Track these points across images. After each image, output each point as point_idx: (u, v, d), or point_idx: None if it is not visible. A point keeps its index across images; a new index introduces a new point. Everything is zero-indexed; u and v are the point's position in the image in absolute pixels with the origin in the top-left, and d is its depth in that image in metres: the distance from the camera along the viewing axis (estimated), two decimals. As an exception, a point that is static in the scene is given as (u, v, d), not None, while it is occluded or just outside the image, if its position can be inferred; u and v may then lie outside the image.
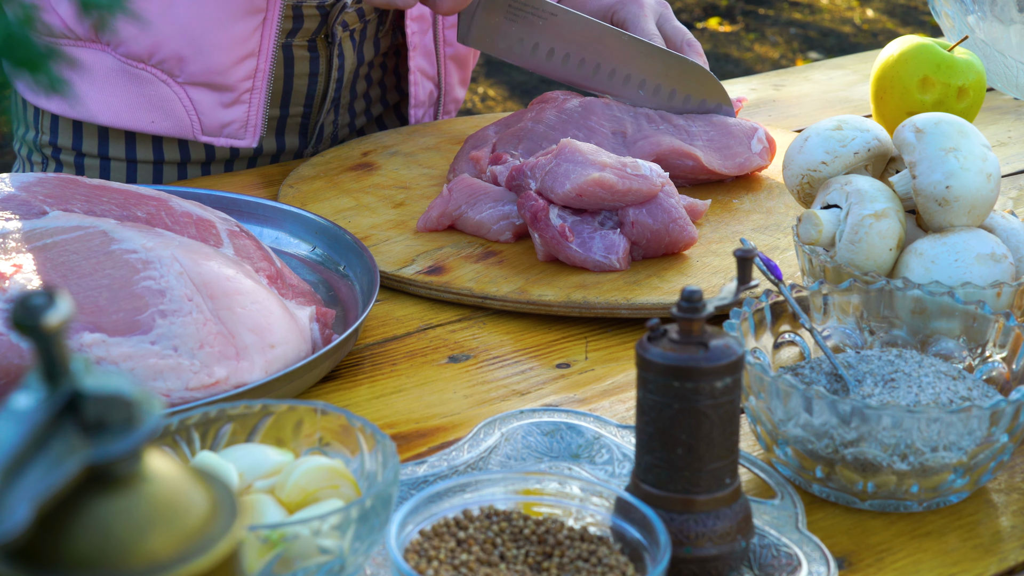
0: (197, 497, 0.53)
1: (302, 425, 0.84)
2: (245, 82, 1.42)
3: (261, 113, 1.44)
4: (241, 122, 1.44)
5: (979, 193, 1.05)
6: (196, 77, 1.41)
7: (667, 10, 1.50)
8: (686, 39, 1.46)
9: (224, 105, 1.43)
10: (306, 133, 1.53)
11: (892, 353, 0.95)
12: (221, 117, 1.43)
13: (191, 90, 1.42)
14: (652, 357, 0.78)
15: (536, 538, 0.78)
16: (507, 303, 1.15)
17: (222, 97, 1.42)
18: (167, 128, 1.44)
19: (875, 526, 0.88)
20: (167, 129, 1.44)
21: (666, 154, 1.35)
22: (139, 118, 1.43)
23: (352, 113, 1.56)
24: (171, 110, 1.43)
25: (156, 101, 1.42)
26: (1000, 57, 1.64)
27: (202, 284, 0.99)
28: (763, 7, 5.65)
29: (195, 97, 1.42)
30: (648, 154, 1.35)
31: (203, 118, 1.43)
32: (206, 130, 1.44)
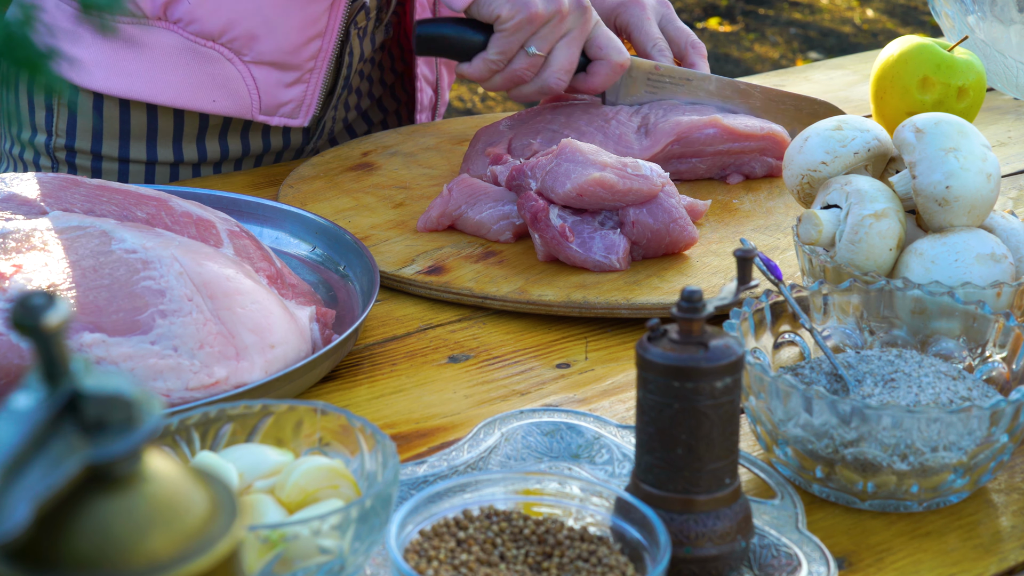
0: (197, 497, 0.53)
1: (302, 425, 0.84)
2: (309, 62, 1.44)
3: (317, 94, 1.46)
4: (298, 102, 1.46)
5: (979, 193, 1.05)
6: (264, 56, 1.42)
7: (669, 10, 1.50)
8: (690, 40, 1.47)
9: (286, 85, 1.44)
10: (310, 130, 1.53)
11: (892, 353, 0.95)
12: (281, 96, 1.45)
13: (255, 69, 1.43)
14: (652, 357, 0.78)
15: (536, 538, 0.78)
16: (507, 303, 1.15)
17: (285, 76, 1.44)
18: (226, 107, 1.44)
19: (875, 526, 0.88)
20: (226, 108, 1.44)
21: (687, 130, 1.37)
22: (200, 97, 1.44)
23: (346, 108, 1.57)
24: (233, 89, 1.43)
25: (220, 80, 1.43)
26: (1000, 57, 1.65)
27: (202, 284, 0.99)
28: (763, 7, 5.65)
29: (259, 76, 1.43)
30: (669, 133, 1.37)
31: (264, 97, 1.44)
32: (264, 109, 1.45)
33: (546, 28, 1.33)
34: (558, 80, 1.36)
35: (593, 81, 1.39)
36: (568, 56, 1.35)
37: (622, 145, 1.37)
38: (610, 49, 1.37)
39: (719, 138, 1.38)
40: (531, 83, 1.37)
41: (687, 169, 1.39)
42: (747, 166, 1.40)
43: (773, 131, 1.40)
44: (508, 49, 1.35)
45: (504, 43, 1.34)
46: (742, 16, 5.54)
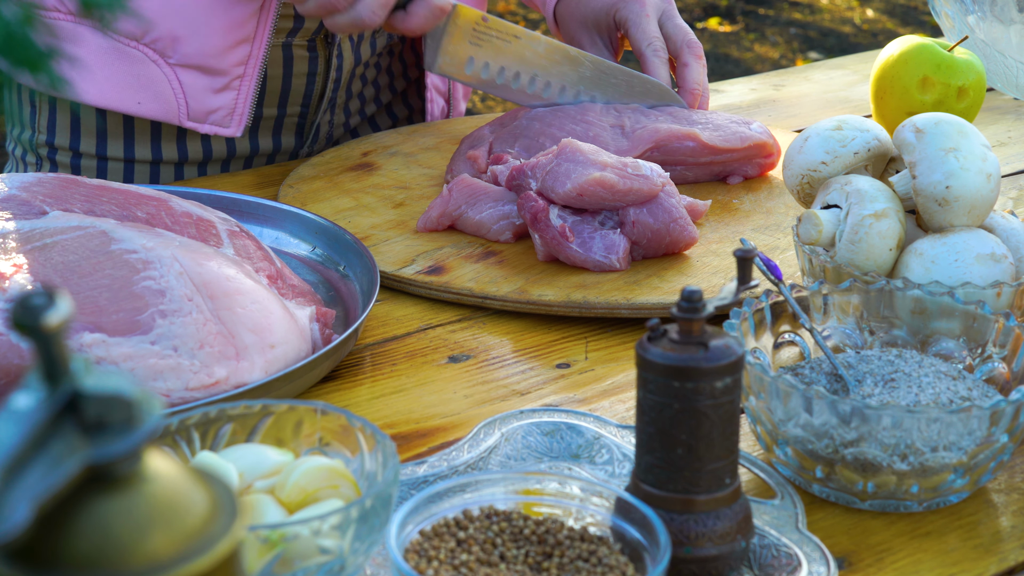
0: (197, 497, 0.53)
1: (302, 425, 0.84)
2: (237, 68, 1.41)
3: (249, 102, 1.43)
4: (228, 109, 1.42)
5: (979, 193, 1.05)
6: (189, 59, 1.40)
7: (670, 6, 1.48)
8: (686, 39, 1.45)
9: (214, 91, 1.42)
10: (302, 133, 1.53)
11: (892, 353, 0.95)
12: (209, 103, 1.42)
13: (181, 72, 1.40)
14: (652, 357, 0.78)
15: (536, 538, 0.78)
16: (507, 303, 1.15)
17: (212, 82, 1.41)
18: (153, 110, 1.42)
19: (875, 526, 0.88)
20: (153, 111, 1.42)
21: (665, 139, 1.36)
22: (125, 99, 1.41)
23: (347, 113, 1.56)
24: (159, 92, 1.41)
25: (145, 82, 1.41)
26: (1000, 57, 1.65)
27: (202, 284, 0.99)
28: (763, 7, 5.65)
29: (185, 80, 1.41)
30: (648, 140, 1.35)
31: (191, 102, 1.42)
32: (192, 115, 1.42)
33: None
34: (372, 14, 1.30)
35: (411, 21, 1.33)
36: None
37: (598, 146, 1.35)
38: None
39: (699, 151, 1.37)
40: (345, 12, 1.31)
41: (676, 176, 1.38)
42: (738, 171, 1.40)
43: (755, 141, 1.38)
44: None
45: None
46: (742, 16, 5.54)
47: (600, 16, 1.49)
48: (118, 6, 0.58)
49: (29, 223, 1.04)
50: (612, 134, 1.37)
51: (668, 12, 1.47)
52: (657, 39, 1.44)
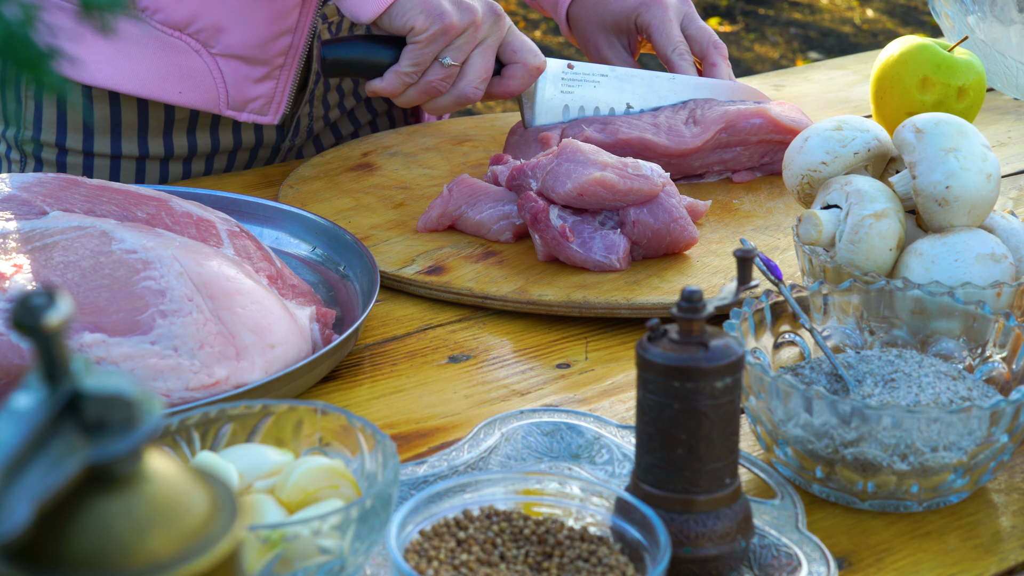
0: (197, 497, 0.53)
1: (302, 425, 0.84)
2: (278, 58, 1.42)
3: (288, 91, 1.44)
4: (267, 98, 1.44)
5: (979, 193, 1.05)
6: (232, 49, 1.40)
7: (691, 8, 1.49)
8: (712, 41, 1.46)
9: (254, 80, 1.43)
10: (283, 126, 1.52)
11: (892, 353, 0.95)
12: (249, 92, 1.43)
13: (223, 62, 1.41)
14: (652, 357, 0.78)
15: (536, 538, 0.78)
16: (507, 303, 1.15)
17: (253, 71, 1.42)
18: (193, 99, 1.42)
19: (875, 526, 0.88)
20: (193, 100, 1.42)
21: (734, 118, 1.38)
22: (167, 88, 1.42)
23: (326, 106, 1.56)
24: (200, 81, 1.42)
25: (187, 71, 1.41)
26: (1000, 57, 1.65)
27: (202, 284, 0.99)
28: (763, 7, 5.65)
29: (226, 69, 1.41)
30: (718, 120, 1.37)
31: (232, 91, 1.42)
32: (232, 104, 1.43)
33: (461, 38, 1.31)
34: (475, 90, 1.34)
35: (509, 85, 1.37)
36: (484, 65, 1.33)
37: (673, 134, 1.37)
38: (525, 53, 1.36)
39: (764, 128, 1.38)
40: (447, 94, 1.35)
41: (731, 158, 1.39)
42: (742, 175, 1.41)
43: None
44: (422, 61, 1.32)
45: (418, 55, 1.32)
46: (742, 16, 5.54)
47: (620, 19, 1.49)
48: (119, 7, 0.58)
49: (29, 223, 1.04)
50: (680, 120, 1.38)
51: (689, 15, 1.48)
52: (682, 43, 1.45)
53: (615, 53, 1.51)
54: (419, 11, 1.30)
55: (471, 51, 1.33)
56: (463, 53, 1.32)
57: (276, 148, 1.54)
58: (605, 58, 1.52)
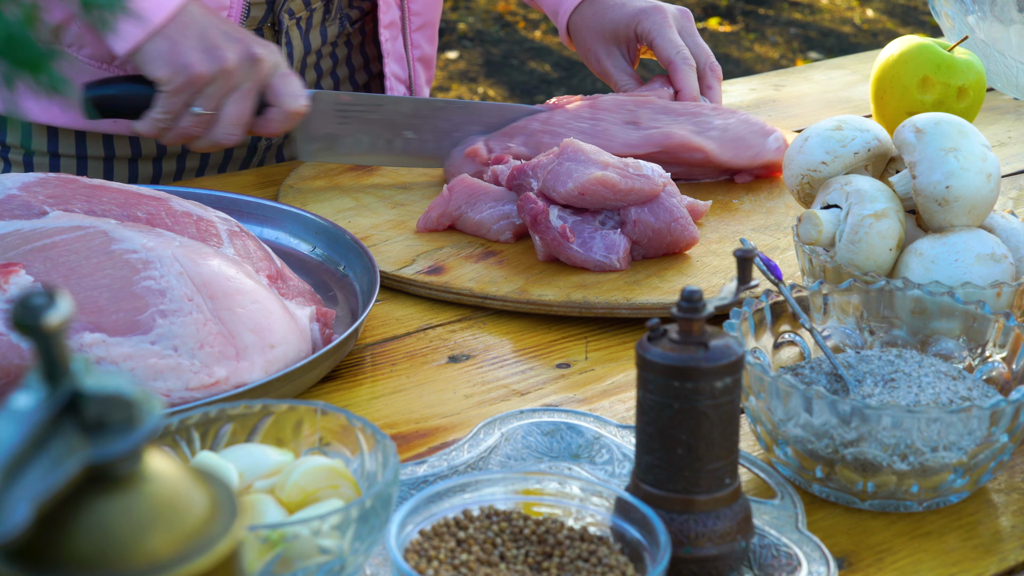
0: (197, 497, 0.53)
1: (302, 425, 0.84)
2: None
3: None
4: None
5: (979, 193, 1.05)
6: None
7: (689, 23, 1.48)
8: (709, 62, 1.46)
9: None
10: None
11: (892, 353, 0.95)
12: None
13: None
14: (652, 357, 0.78)
15: (536, 538, 0.78)
16: (507, 303, 1.15)
17: None
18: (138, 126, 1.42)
19: (875, 526, 0.88)
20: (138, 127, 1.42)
21: (676, 147, 1.35)
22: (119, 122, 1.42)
23: None
24: None
25: None
26: (1000, 57, 1.65)
27: (202, 284, 0.99)
28: (763, 7, 5.65)
29: None
30: (658, 143, 1.35)
31: None
32: None
33: (212, 87, 1.29)
34: (228, 135, 1.31)
35: (268, 127, 1.34)
36: (238, 111, 1.30)
37: (604, 138, 1.35)
38: (285, 96, 1.32)
39: (705, 163, 1.37)
40: (203, 138, 1.32)
41: (682, 174, 1.38)
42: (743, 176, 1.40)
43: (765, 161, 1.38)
44: (172, 109, 1.30)
45: (167, 103, 1.29)
46: (742, 16, 5.54)
47: (620, 28, 1.49)
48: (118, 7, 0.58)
49: (29, 223, 1.04)
50: (622, 129, 1.36)
51: (688, 29, 1.48)
52: (684, 48, 1.44)
53: (614, 62, 1.51)
54: (164, 62, 1.28)
55: (223, 98, 1.30)
56: (214, 100, 1.30)
57: (253, 147, 1.54)
58: (604, 68, 1.51)
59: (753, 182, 1.41)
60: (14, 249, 1.01)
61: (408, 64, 1.57)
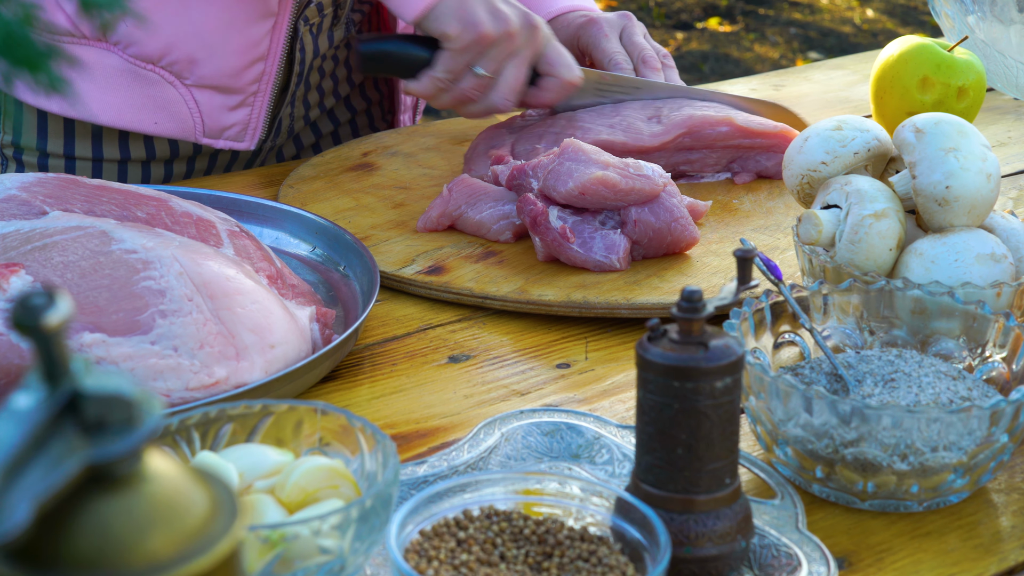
0: (197, 497, 0.53)
1: (302, 425, 0.84)
2: (252, 86, 1.43)
3: (263, 117, 1.46)
4: (243, 125, 1.45)
5: (979, 193, 1.05)
6: (205, 80, 1.42)
7: (631, 23, 1.49)
8: (641, 56, 1.46)
9: (229, 108, 1.44)
10: (267, 127, 1.53)
11: (892, 353, 0.95)
12: (225, 120, 1.45)
13: (197, 92, 1.43)
14: (652, 357, 0.78)
15: (536, 538, 0.78)
16: (507, 303, 1.15)
17: (227, 100, 1.43)
18: (170, 129, 1.44)
19: (875, 526, 0.88)
20: (170, 131, 1.44)
21: (699, 124, 1.37)
22: (142, 119, 1.43)
23: (307, 105, 1.56)
24: (176, 112, 1.43)
25: (161, 102, 1.43)
26: (1000, 57, 1.65)
27: (202, 284, 0.99)
28: (763, 7, 5.65)
29: (200, 99, 1.43)
30: (681, 125, 1.37)
31: (207, 120, 1.44)
32: (208, 132, 1.45)
33: (495, 48, 1.32)
34: (505, 100, 1.34)
35: (544, 96, 1.37)
36: (516, 76, 1.34)
37: (631, 133, 1.36)
38: (560, 66, 1.36)
39: (731, 135, 1.38)
40: (478, 102, 1.35)
41: (697, 159, 1.39)
42: (755, 162, 1.40)
43: (786, 130, 1.40)
44: (455, 68, 1.33)
45: (451, 62, 1.32)
46: (742, 16, 5.54)
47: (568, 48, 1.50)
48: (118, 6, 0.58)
49: (29, 223, 1.04)
50: (647, 123, 1.38)
51: (628, 28, 1.49)
52: (618, 53, 1.45)
53: None
54: (455, 18, 1.30)
55: (504, 61, 1.33)
56: (496, 63, 1.33)
57: (258, 149, 1.54)
58: None
59: (753, 182, 1.41)
60: (14, 249, 1.01)
61: None
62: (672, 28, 5.38)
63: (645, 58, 1.46)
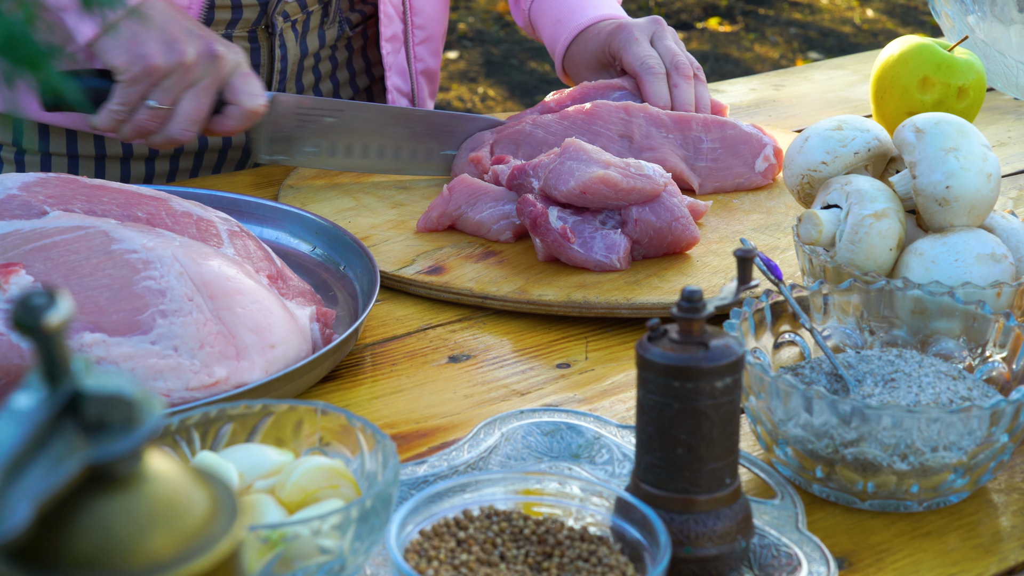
0: (197, 497, 0.53)
1: (302, 425, 0.84)
2: None
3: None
4: None
5: (979, 193, 1.05)
6: None
7: (660, 27, 1.48)
8: (673, 62, 1.44)
9: None
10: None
11: (892, 353, 0.95)
12: None
13: None
14: (652, 357, 0.78)
15: (536, 538, 0.78)
16: (507, 303, 1.15)
17: None
18: None
19: (875, 526, 0.88)
20: None
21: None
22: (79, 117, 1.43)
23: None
24: None
25: None
26: (1000, 57, 1.65)
27: (202, 284, 0.99)
28: (763, 7, 5.65)
29: None
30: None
31: None
32: None
33: (169, 80, 1.29)
34: (184, 131, 1.31)
35: (225, 124, 1.34)
36: (195, 107, 1.30)
37: None
38: (242, 94, 1.32)
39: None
40: (159, 133, 1.32)
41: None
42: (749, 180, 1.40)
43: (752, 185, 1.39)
44: (128, 100, 1.30)
45: (123, 94, 1.29)
46: (742, 16, 5.54)
47: (600, 55, 1.50)
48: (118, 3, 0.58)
49: (29, 223, 1.04)
50: (619, 146, 1.36)
51: (658, 33, 1.47)
52: (651, 57, 1.43)
53: None
54: (123, 50, 1.28)
55: (181, 92, 1.30)
56: (171, 94, 1.30)
57: (247, 149, 1.54)
58: None
59: (753, 182, 1.41)
60: (14, 249, 1.01)
61: (411, 77, 1.57)
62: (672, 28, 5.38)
63: (677, 64, 1.44)
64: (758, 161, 1.39)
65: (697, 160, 1.38)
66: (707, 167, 1.38)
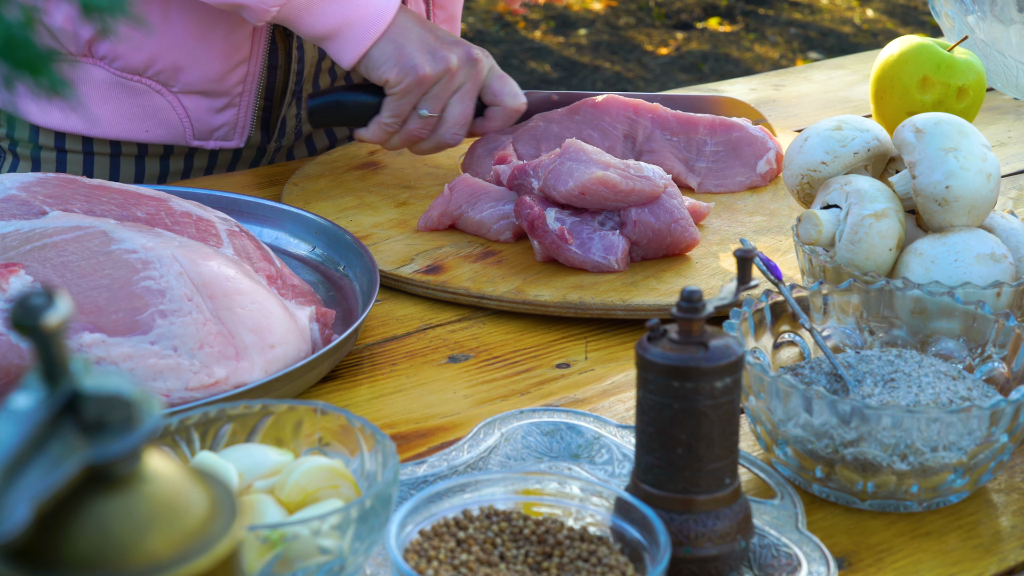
0: (197, 497, 0.53)
1: (302, 425, 0.84)
2: (236, 87, 1.45)
3: (250, 116, 1.47)
4: (231, 125, 1.47)
5: (979, 193, 1.05)
6: (191, 86, 1.44)
7: None
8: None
9: (216, 111, 1.46)
10: (268, 127, 1.53)
11: (892, 353, 0.95)
12: (213, 121, 1.46)
13: (184, 98, 1.45)
14: (652, 357, 0.78)
15: (536, 538, 0.78)
16: (503, 303, 1.15)
17: (214, 103, 1.45)
18: (161, 136, 1.46)
19: (875, 526, 0.88)
20: (160, 136, 1.46)
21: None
22: (134, 128, 1.46)
23: None
24: (165, 119, 1.45)
25: (150, 111, 1.45)
26: (1000, 57, 1.65)
27: (202, 284, 0.99)
28: (763, 7, 5.65)
29: (188, 105, 1.45)
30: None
31: (196, 124, 1.46)
32: (197, 135, 1.47)
33: (436, 87, 1.33)
34: (454, 135, 1.36)
35: (490, 125, 1.39)
36: (462, 111, 1.35)
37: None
38: (504, 95, 1.37)
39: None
40: (428, 140, 1.37)
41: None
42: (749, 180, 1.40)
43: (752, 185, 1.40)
44: (400, 112, 1.34)
45: (395, 106, 1.34)
46: (742, 16, 5.54)
47: None
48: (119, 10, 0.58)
49: (29, 223, 1.04)
50: (623, 146, 1.38)
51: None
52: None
53: None
54: (392, 64, 1.32)
55: (448, 99, 1.35)
56: (440, 102, 1.34)
57: (262, 148, 1.54)
58: None
59: (754, 183, 1.41)
60: (14, 249, 1.01)
61: None
62: (672, 28, 5.38)
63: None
64: (760, 163, 1.39)
65: (697, 161, 1.38)
66: (707, 168, 1.38)
